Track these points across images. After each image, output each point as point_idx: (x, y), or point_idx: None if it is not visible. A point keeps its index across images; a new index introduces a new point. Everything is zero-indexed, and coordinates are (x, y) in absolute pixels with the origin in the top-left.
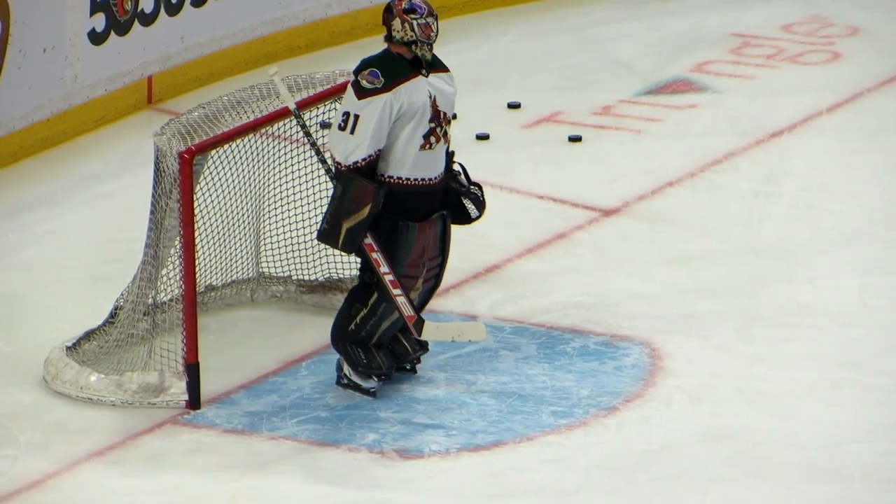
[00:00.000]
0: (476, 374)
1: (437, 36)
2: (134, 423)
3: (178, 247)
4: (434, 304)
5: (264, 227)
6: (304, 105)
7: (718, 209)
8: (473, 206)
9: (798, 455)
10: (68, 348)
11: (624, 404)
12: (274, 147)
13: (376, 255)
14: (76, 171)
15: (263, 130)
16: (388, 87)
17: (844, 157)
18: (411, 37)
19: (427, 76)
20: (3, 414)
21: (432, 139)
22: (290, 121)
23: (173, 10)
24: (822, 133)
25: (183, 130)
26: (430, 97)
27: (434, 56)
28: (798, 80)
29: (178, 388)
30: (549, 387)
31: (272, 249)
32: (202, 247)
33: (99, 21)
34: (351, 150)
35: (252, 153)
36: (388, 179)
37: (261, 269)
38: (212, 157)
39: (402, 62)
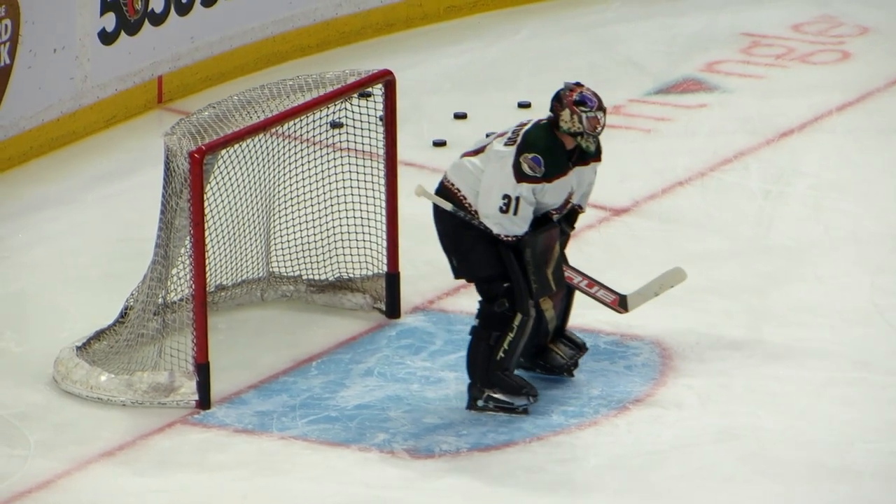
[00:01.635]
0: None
1: (603, 129)
2: (144, 422)
3: (188, 246)
4: (444, 303)
5: (274, 227)
6: (315, 105)
7: (729, 208)
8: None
9: (809, 454)
10: (78, 348)
11: (634, 404)
12: (284, 147)
13: (568, 272)
14: (86, 171)
15: (273, 130)
16: (546, 179)
17: (854, 157)
18: (578, 128)
19: (571, 168)
20: (13, 414)
21: (566, 205)
22: (301, 120)
23: (184, 10)
24: (832, 132)
25: (193, 130)
26: (571, 191)
27: (598, 144)
28: (808, 79)
29: (188, 388)
30: (560, 386)
31: (282, 249)
32: (212, 246)
33: (109, 21)
34: (515, 227)
35: (262, 153)
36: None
37: (271, 269)
38: (222, 157)
39: (563, 155)
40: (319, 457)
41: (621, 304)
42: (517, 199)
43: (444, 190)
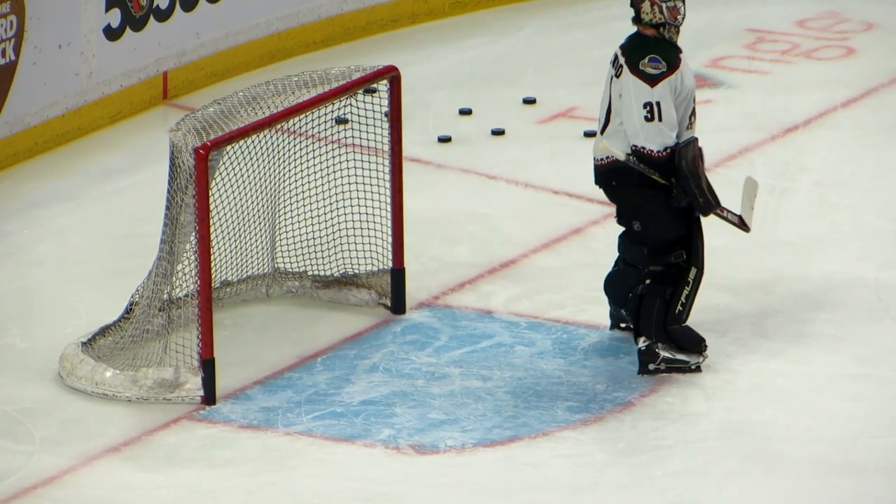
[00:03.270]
0: (491, 369)
1: (684, 19)
2: (149, 418)
3: (193, 242)
4: (449, 299)
5: (280, 223)
6: (320, 101)
7: (733, 204)
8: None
9: (814, 450)
10: (84, 344)
11: (639, 399)
12: (289, 143)
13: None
14: (91, 167)
15: (279, 126)
16: (672, 69)
17: (859, 152)
18: (660, 19)
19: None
20: (18, 410)
21: (692, 119)
22: (306, 116)
23: (189, 6)
24: (837, 128)
25: (198, 126)
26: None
27: None
28: (813, 75)
29: (193, 384)
30: (565, 382)
31: (287, 245)
32: (217, 242)
33: (114, 17)
34: (665, 135)
35: (267, 149)
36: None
37: (276, 265)
38: (227, 153)
39: (665, 43)
40: (324, 452)
41: (742, 223)
42: (657, 103)
43: (616, 165)
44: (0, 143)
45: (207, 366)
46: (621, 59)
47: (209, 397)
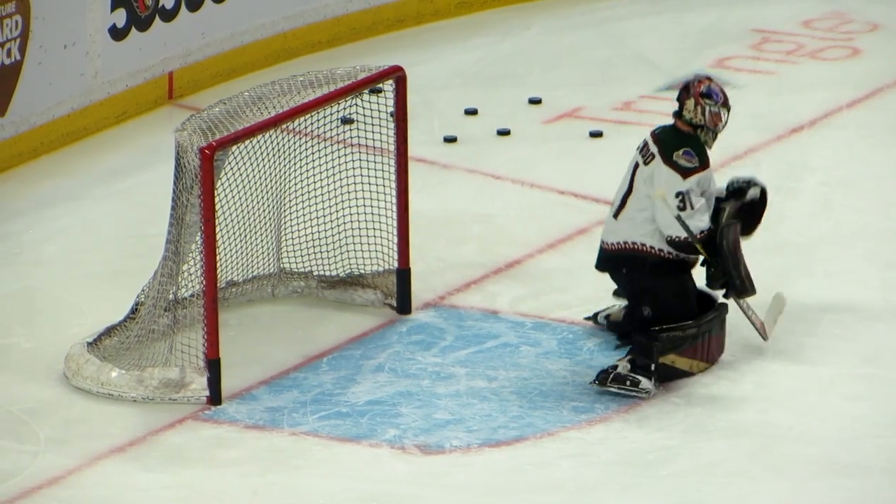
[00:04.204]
0: (497, 369)
1: (725, 127)
2: (155, 418)
3: (199, 242)
4: (455, 299)
5: (285, 223)
6: (325, 101)
7: None
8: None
9: (818, 450)
10: (89, 344)
11: (644, 400)
12: (295, 143)
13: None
14: (97, 167)
15: (284, 126)
16: (703, 166)
17: (865, 153)
18: (700, 121)
19: None
20: (23, 410)
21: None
22: (311, 116)
23: (194, 6)
24: (843, 128)
25: (204, 126)
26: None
27: None
28: (818, 75)
29: (198, 384)
30: (570, 382)
31: (293, 245)
32: (223, 242)
33: (120, 17)
34: (697, 221)
35: (273, 149)
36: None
37: (282, 265)
38: (232, 153)
39: (699, 143)
40: (330, 452)
41: (762, 329)
42: (688, 192)
43: (630, 252)
44: (5, 143)
45: (213, 366)
46: (653, 148)
47: (214, 397)
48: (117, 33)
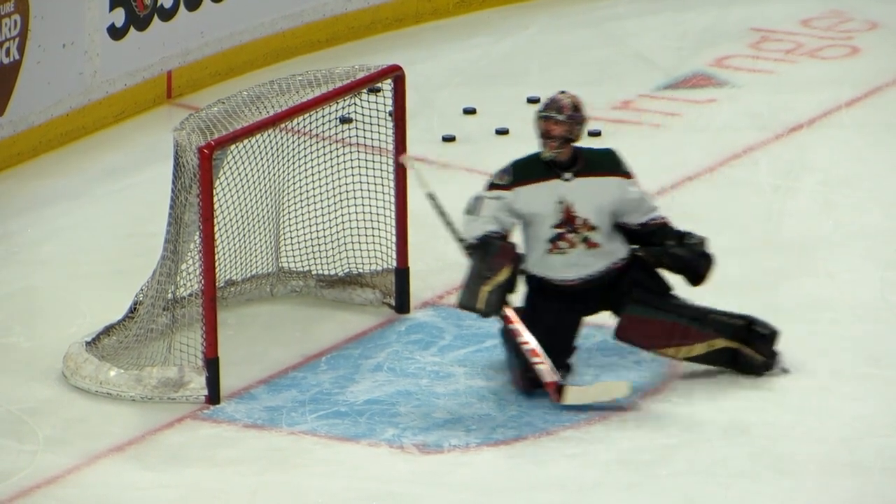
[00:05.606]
0: (496, 368)
1: (560, 139)
2: (153, 417)
3: (197, 242)
4: (453, 298)
5: (284, 222)
6: (324, 100)
7: (738, 204)
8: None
9: (818, 449)
10: (88, 343)
11: (643, 398)
12: (293, 142)
13: (514, 326)
14: (95, 166)
15: (283, 125)
16: (508, 187)
17: (864, 152)
18: (538, 132)
19: (570, 180)
20: (22, 409)
21: (562, 244)
22: (310, 115)
23: (193, 5)
24: (842, 127)
25: (202, 125)
26: (562, 203)
27: (608, 158)
28: (817, 74)
29: (197, 383)
30: (569, 381)
31: (292, 244)
32: (222, 242)
33: (118, 16)
34: (472, 227)
35: (271, 148)
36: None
37: (280, 264)
38: (231, 152)
39: (536, 165)
40: (329, 452)
41: (558, 390)
42: (480, 198)
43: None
44: (4, 143)
45: (211, 365)
46: None
47: (213, 397)
48: (116, 32)
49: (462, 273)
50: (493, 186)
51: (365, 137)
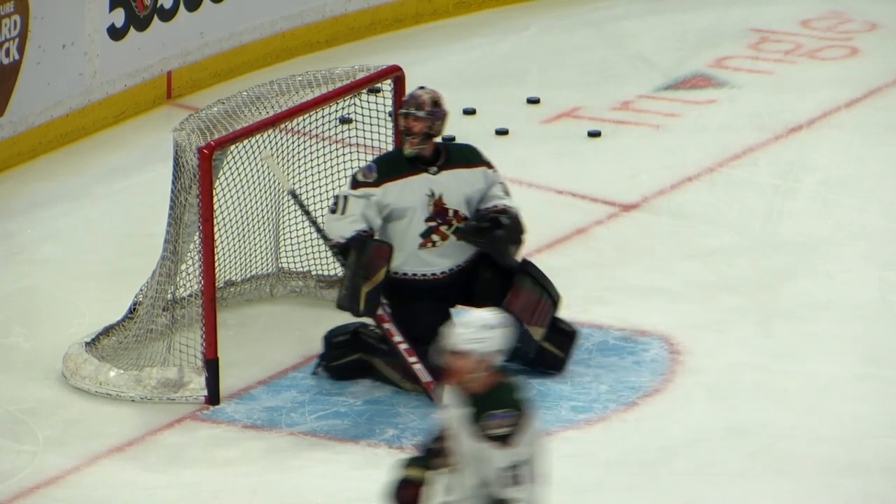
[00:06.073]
0: None
1: (422, 135)
2: (153, 418)
3: (197, 242)
4: None
5: (283, 223)
6: (324, 101)
7: (738, 204)
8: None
9: (818, 449)
10: (87, 344)
11: (643, 399)
12: (293, 142)
13: (388, 326)
14: (95, 167)
15: (283, 126)
16: (376, 184)
17: (863, 152)
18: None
19: (436, 173)
20: (22, 409)
21: (434, 237)
22: (310, 116)
23: (193, 6)
24: (841, 128)
25: (202, 126)
26: (432, 195)
27: (468, 150)
28: (816, 75)
29: (197, 384)
30: (569, 382)
31: (291, 245)
32: (221, 242)
33: (118, 17)
34: (338, 227)
35: (271, 148)
36: (391, 274)
37: (280, 265)
38: (231, 153)
39: (400, 161)
40: (328, 452)
41: (436, 390)
42: (346, 197)
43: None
44: (4, 143)
45: (211, 365)
46: None
47: (213, 397)
48: (116, 33)
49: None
50: (358, 184)
51: (365, 138)
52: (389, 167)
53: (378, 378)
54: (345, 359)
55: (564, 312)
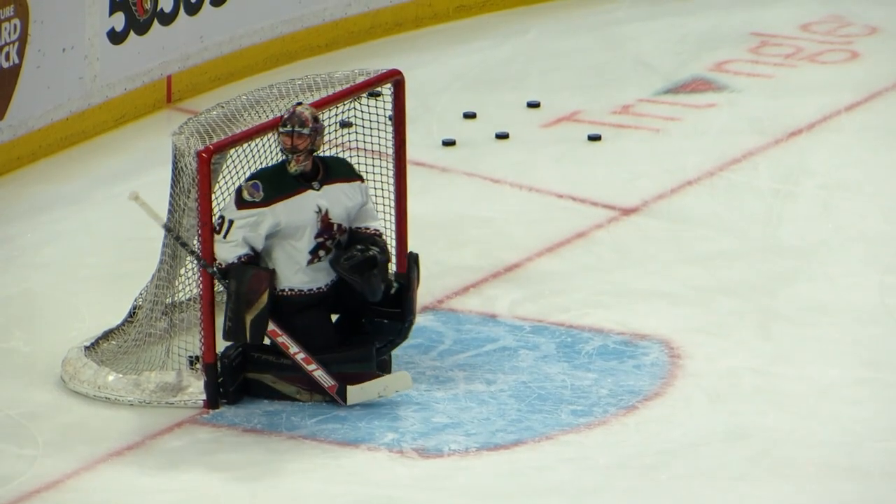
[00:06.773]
0: (496, 373)
1: (306, 152)
2: (152, 422)
3: (196, 246)
4: (453, 302)
5: None
6: (324, 104)
7: (738, 208)
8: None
9: (818, 453)
10: (86, 348)
11: (643, 403)
12: None
13: (283, 339)
14: (95, 171)
15: None
16: (265, 203)
17: (863, 156)
18: (282, 148)
19: (319, 189)
20: (21, 414)
21: (321, 253)
22: None
23: (193, 10)
24: (841, 132)
25: (201, 129)
26: (320, 211)
27: (343, 164)
28: (817, 79)
29: (195, 388)
30: (569, 386)
31: None
32: None
33: (118, 20)
34: (222, 251)
35: (270, 152)
36: (277, 293)
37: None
38: (230, 157)
39: (286, 179)
40: (328, 456)
41: (339, 392)
42: (230, 221)
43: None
44: (4, 147)
45: (210, 369)
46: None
47: (212, 401)
48: (116, 37)
49: (461, 277)
50: (245, 204)
51: (365, 142)
52: (276, 186)
53: (272, 395)
54: (236, 382)
55: (564, 316)
